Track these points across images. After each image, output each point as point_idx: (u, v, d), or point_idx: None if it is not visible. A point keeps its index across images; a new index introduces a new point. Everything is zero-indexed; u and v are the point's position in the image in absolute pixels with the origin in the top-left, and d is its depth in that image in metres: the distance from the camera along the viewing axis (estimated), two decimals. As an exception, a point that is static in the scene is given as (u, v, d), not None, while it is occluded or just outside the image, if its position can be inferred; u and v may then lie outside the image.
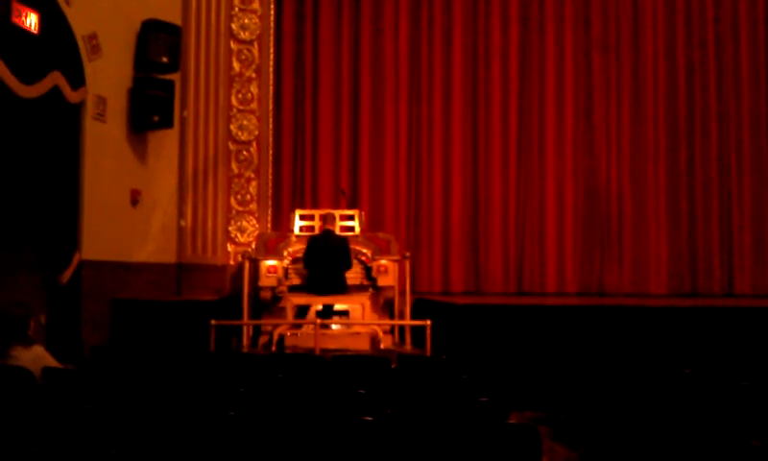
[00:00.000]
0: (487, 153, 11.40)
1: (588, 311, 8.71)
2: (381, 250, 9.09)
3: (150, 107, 9.33)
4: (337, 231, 9.00)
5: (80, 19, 8.23)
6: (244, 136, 10.50)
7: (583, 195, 11.49)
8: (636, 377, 5.47)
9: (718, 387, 4.92)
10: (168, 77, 9.60)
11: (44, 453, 3.14)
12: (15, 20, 7.30)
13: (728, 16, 11.68)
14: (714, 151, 11.59)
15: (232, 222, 10.43)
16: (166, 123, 9.55)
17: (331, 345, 8.00)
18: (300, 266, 8.86)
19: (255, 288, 8.93)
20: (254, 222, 10.48)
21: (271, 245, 9.18)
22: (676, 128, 11.59)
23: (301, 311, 8.61)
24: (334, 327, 8.67)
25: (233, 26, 10.51)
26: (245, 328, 8.66)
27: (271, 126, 10.75)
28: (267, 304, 8.94)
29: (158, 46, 9.38)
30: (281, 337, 8.35)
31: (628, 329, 8.22)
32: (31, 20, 7.47)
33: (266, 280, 8.84)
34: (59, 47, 7.85)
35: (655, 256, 11.44)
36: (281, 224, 10.72)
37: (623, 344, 7.97)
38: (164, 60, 9.43)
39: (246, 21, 10.54)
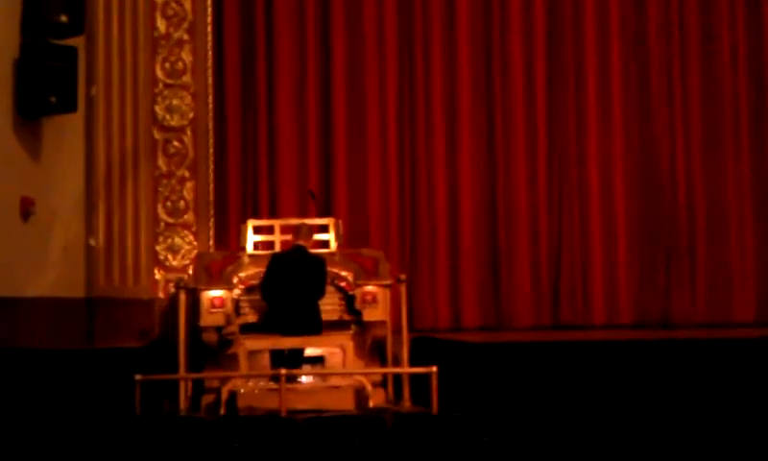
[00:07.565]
0: (506, 138, 11.42)
1: (649, 346, 8.83)
2: (367, 272, 9.05)
3: (45, 84, 9.29)
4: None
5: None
6: (174, 121, 10.55)
7: (638, 193, 11.49)
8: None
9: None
10: (69, 42, 9.58)
11: None
12: None
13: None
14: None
15: (161, 239, 10.47)
16: (67, 105, 9.55)
17: (302, 404, 7.96)
18: (256, 297, 8.79)
19: (195, 329, 8.86)
20: (191, 238, 10.53)
21: (215, 269, 9.10)
22: (761, 97, 11.62)
23: (276, 358, 8.54)
24: (305, 379, 8.64)
25: (156, -30, 10.56)
26: (182, 384, 8.61)
27: (211, 106, 10.82)
28: (212, 351, 8.88)
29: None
30: (232, 395, 8.32)
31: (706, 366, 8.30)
32: None
33: (210, 318, 8.77)
34: None
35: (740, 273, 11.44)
36: (228, 240, 10.73)
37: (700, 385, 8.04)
38: (63, 18, 9.42)
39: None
